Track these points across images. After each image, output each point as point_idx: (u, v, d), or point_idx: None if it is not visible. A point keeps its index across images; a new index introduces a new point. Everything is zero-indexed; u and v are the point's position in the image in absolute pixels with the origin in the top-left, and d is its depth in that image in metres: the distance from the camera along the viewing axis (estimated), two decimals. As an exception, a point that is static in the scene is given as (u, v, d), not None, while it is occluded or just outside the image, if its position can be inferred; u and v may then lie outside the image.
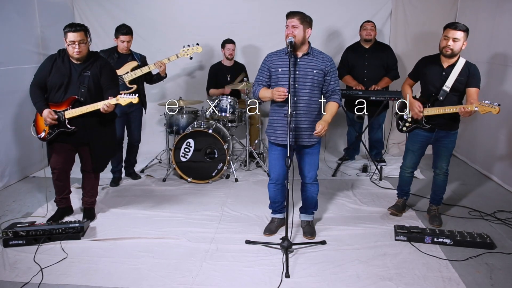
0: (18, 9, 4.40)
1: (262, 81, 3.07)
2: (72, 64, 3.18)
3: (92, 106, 3.12)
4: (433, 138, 3.26)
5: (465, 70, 3.06)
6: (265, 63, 3.06)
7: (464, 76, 3.05)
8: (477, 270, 2.72)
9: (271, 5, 5.19)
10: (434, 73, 3.16)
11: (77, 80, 3.16)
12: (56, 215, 3.49)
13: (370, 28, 4.60)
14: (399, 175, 3.57)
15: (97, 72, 3.20)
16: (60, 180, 3.41)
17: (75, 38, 3.06)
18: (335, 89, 3.02)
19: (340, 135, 5.55)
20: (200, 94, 5.37)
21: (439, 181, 3.40)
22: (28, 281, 2.62)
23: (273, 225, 3.32)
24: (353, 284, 2.60)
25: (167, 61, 4.22)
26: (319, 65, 2.96)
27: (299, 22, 2.90)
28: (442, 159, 3.30)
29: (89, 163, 3.38)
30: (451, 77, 3.07)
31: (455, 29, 3.00)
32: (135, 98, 3.12)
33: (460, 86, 3.07)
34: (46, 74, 3.16)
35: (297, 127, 2.98)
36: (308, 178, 3.14)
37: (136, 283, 2.63)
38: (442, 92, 3.10)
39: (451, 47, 3.01)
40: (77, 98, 3.15)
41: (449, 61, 3.10)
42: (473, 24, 4.84)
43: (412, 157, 3.40)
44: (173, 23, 5.36)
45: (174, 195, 4.08)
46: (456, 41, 3.00)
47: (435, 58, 3.19)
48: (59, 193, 3.46)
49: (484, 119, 4.58)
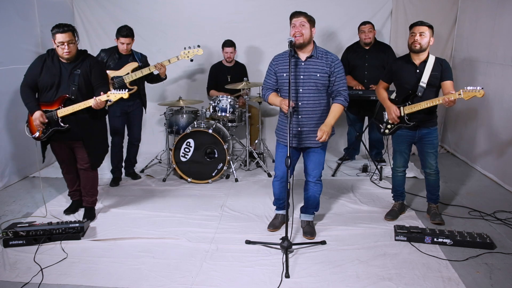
0: (18, 9, 4.41)
1: (271, 85, 3.07)
2: (62, 63, 3.21)
3: (84, 104, 3.15)
4: (417, 136, 3.31)
5: (437, 65, 3.17)
6: (272, 66, 3.04)
7: (437, 71, 3.16)
8: (477, 270, 2.72)
9: (271, 5, 5.18)
10: (408, 71, 3.26)
11: (68, 79, 3.19)
12: (72, 207, 3.62)
13: (368, 30, 4.58)
14: (392, 176, 3.60)
15: (87, 70, 3.24)
16: (69, 173, 3.53)
17: (64, 38, 3.09)
18: (339, 90, 2.98)
19: (340, 135, 5.54)
20: (200, 95, 5.37)
21: (431, 181, 3.42)
22: (28, 281, 2.63)
23: (277, 221, 3.36)
24: (353, 284, 2.60)
25: (167, 63, 4.22)
26: (323, 68, 2.94)
27: (306, 20, 2.90)
28: (430, 156, 3.33)
29: (85, 159, 3.38)
30: (425, 73, 3.17)
31: (420, 25, 3.14)
32: (125, 94, 3.14)
33: (435, 81, 3.17)
34: (36, 75, 3.19)
35: (302, 130, 3.00)
36: (311, 176, 3.14)
37: (136, 283, 2.63)
38: (420, 88, 3.19)
39: (418, 41, 3.14)
40: (68, 97, 3.18)
41: (420, 58, 3.20)
42: (474, 24, 4.85)
43: (400, 157, 3.46)
44: (174, 23, 5.36)
45: (174, 195, 4.08)
46: (423, 35, 3.12)
47: (406, 58, 3.30)
48: (70, 186, 3.60)
49: (484, 119, 4.59)
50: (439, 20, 5.22)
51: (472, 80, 4.85)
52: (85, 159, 3.37)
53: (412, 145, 3.45)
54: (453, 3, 5.20)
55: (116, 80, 4.09)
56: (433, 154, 3.32)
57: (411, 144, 3.42)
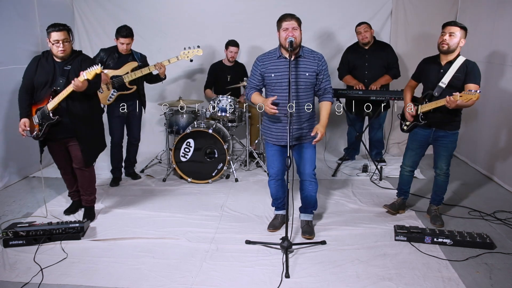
0: (18, 9, 4.40)
1: (255, 85, 3.08)
2: (56, 62, 3.24)
3: (66, 90, 3.15)
4: (432, 137, 3.28)
5: (463, 67, 3.09)
6: (257, 67, 3.05)
7: (461, 73, 3.08)
8: (477, 270, 2.72)
9: (271, 5, 5.18)
10: (432, 70, 3.22)
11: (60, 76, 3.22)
12: (72, 207, 3.65)
13: (364, 30, 4.55)
14: (399, 174, 3.59)
15: (78, 65, 3.26)
16: (67, 173, 3.55)
17: (59, 37, 3.13)
18: (326, 87, 3.04)
19: (340, 135, 5.56)
20: (200, 95, 5.37)
21: (439, 182, 3.41)
22: (28, 281, 2.63)
23: (276, 221, 3.36)
24: (353, 284, 2.60)
25: (167, 63, 4.22)
26: (311, 67, 2.97)
27: (297, 24, 2.91)
28: (442, 159, 3.30)
29: (79, 157, 3.37)
30: (448, 74, 3.11)
31: (453, 25, 3.07)
32: (98, 68, 3.09)
33: (457, 82, 3.09)
34: (32, 74, 3.24)
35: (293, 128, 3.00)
36: (305, 175, 3.13)
37: (136, 283, 2.63)
38: (438, 88, 3.15)
39: (447, 41, 3.07)
40: (55, 89, 3.19)
41: (447, 58, 3.14)
42: (473, 24, 4.84)
43: (410, 155, 3.43)
44: (174, 23, 5.36)
45: (174, 195, 4.08)
46: (452, 36, 3.06)
47: (434, 58, 3.25)
48: (70, 187, 3.64)
49: (484, 119, 4.59)
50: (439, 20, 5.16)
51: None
52: (79, 157, 3.37)
53: (426, 148, 3.40)
54: (453, 3, 5.20)
55: (115, 79, 4.09)
56: (445, 158, 3.28)
57: (425, 145, 3.37)
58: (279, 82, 2.95)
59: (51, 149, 3.46)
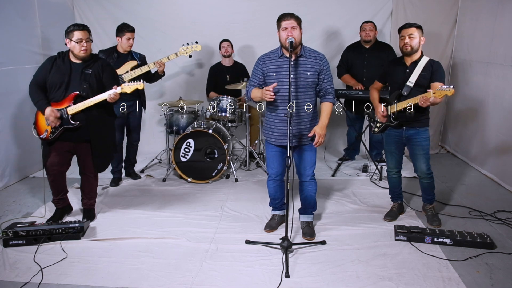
0: (18, 9, 4.41)
1: (256, 83, 3.08)
2: (72, 63, 3.23)
3: (96, 99, 3.15)
4: (404, 137, 3.30)
5: (428, 66, 3.18)
6: (259, 66, 3.06)
7: (427, 72, 3.16)
8: (477, 270, 2.72)
9: (271, 5, 5.18)
10: (398, 71, 3.29)
11: (79, 78, 3.20)
12: (56, 215, 3.49)
13: (369, 28, 4.60)
14: (388, 178, 3.59)
15: (99, 70, 3.26)
16: (56, 181, 3.39)
17: (83, 36, 3.15)
18: (328, 88, 3.03)
19: (340, 135, 5.55)
20: (200, 93, 5.37)
21: (424, 184, 3.40)
22: (28, 281, 2.63)
23: (273, 222, 3.35)
24: (353, 284, 2.60)
25: (166, 60, 4.23)
26: (313, 67, 2.97)
27: (297, 23, 2.91)
28: (419, 159, 3.29)
29: (89, 163, 3.37)
30: (414, 73, 3.18)
31: (408, 27, 3.17)
32: (141, 84, 3.17)
33: (424, 81, 3.17)
34: (46, 74, 3.20)
35: (294, 129, 3.00)
36: (305, 176, 3.14)
37: (136, 283, 2.63)
38: (406, 88, 3.20)
39: (409, 43, 3.16)
40: (79, 94, 3.18)
41: (412, 59, 3.22)
42: (474, 24, 4.85)
43: (391, 158, 3.45)
44: (173, 23, 5.36)
45: (174, 195, 4.08)
46: (412, 37, 3.14)
47: (399, 60, 3.35)
48: (55, 194, 3.45)
49: (484, 119, 4.58)
50: (439, 20, 5.23)
51: (472, 80, 4.85)
52: (90, 164, 3.35)
53: (403, 146, 3.41)
54: (453, 3, 5.20)
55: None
56: (422, 157, 3.27)
57: (401, 145, 3.39)
58: (281, 80, 2.94)
59: (56, 148, 3.28)
